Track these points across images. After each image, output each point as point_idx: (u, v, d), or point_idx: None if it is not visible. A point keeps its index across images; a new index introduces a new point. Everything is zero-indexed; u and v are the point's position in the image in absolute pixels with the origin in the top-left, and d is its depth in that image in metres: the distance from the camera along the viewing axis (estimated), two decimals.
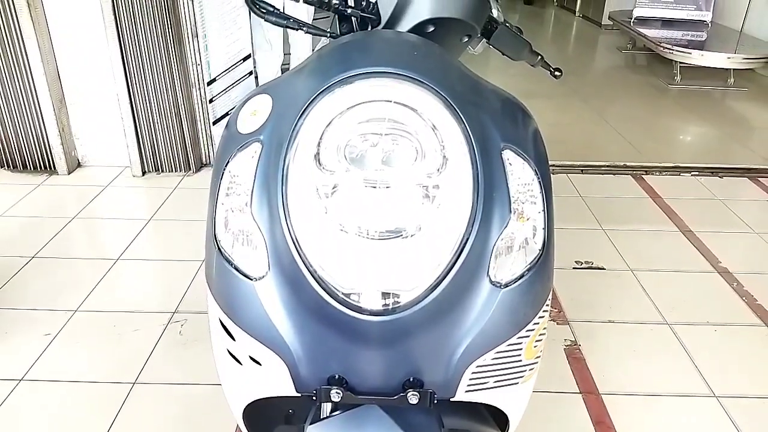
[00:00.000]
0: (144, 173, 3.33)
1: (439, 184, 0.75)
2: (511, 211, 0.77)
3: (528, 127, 0.86)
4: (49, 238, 2.66)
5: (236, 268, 0.77)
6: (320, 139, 0.75)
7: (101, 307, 2.21)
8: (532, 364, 0.83)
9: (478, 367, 0.77)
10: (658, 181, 3.37)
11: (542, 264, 0.79)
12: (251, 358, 0.79)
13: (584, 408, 1.79)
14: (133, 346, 2.01)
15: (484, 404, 0.87)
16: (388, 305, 0.72)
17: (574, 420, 1.74)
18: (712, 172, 3.50)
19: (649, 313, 2.23)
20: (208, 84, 3.19)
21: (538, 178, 0.80)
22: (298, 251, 0.73)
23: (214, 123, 3.32)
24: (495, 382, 0.80)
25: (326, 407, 0.83)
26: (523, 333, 0.79)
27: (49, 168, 3.35)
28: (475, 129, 0.77)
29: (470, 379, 0.78)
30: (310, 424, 0.77)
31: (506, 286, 0.77)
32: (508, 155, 0.79)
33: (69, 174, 3.34)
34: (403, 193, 0.74)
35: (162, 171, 3.35)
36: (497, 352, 0.78)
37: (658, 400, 1.82)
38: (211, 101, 3.24)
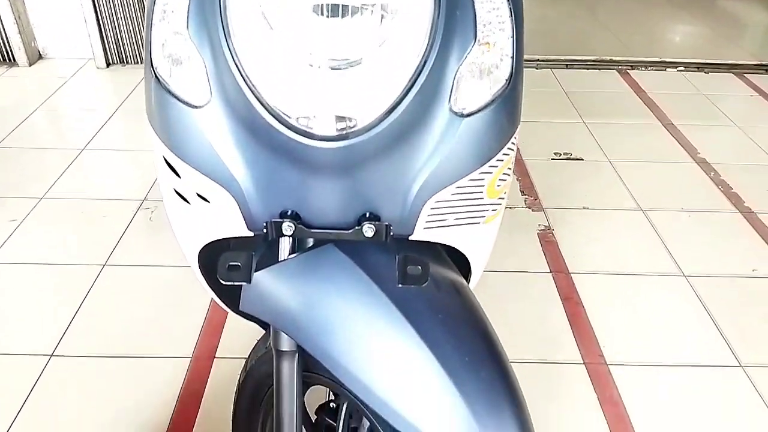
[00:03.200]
0: (108, 65, 3.17)
1: (397, 5, 0.68)
2: (475, 36, 0.71)
3: None
4: (11, 129, 2.55)
5: (176, 97, 0.71)
6: None
7: (68, 194, 2.15)
8: (495, 204, 0.80)
9: (437, 202, 0.74)
10: (642, 77, 3.29)
11: (509, 96, 0.74)
12: (199, 195, 0.75)
13: (554, 285, 1.81)
14: (102, 231, 1.97)
15: (446, 248, 0.85)
16: (342, 130, 0.67)
17: (544, 296, 1.77)
18: (698, 68, 3.42)
19: (625, 200, 2.23)
20: None
21: (508, 2, 0.73)
22: (241, 75, 0.67)
23: None
24: (455, 219, 0.77)
25: (284, 250, 0.80)
26: (485, 168, 0.75)
27: (8, 60, 3.17)
28: None
29: (429, 215, 0.75)
30: (257, 270, 0.74)
31: (468, 115, 0.72)
32: None
33: (30, 66, 3.17)
34: (359, 15, 0.67)
35: (127, 63, 3.19)
36: (458, 187, 0.74)
37: (627, 279, 1.85)
38: None
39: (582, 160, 2.48)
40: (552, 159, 2.48)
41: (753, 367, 1.57)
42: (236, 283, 0.70)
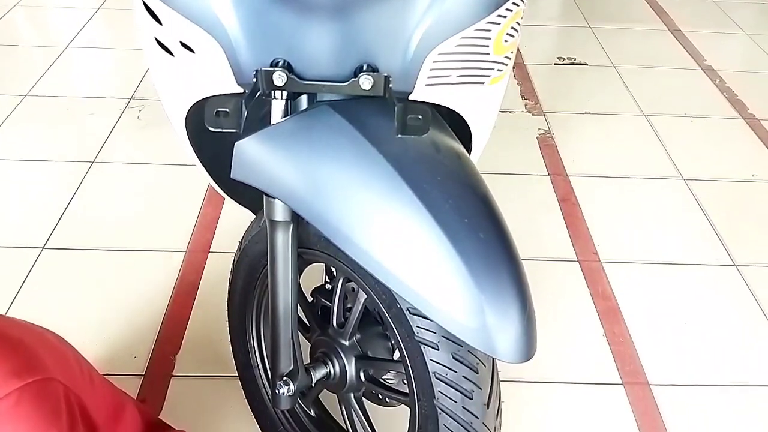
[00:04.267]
0: None
1: None
2: None
3: None
4: None
5: None
6: None
7: (52, 92, 2.08)
8: (501, 63, 0.75)
9: (440, 54, 0.69)
10: None
11: None
12: (182, 44, 0.70)
13: (551, 187, 1.79)
14: (90, 129, 1.91)
15: (448, 122, 0.81)
16: None
17: (541, 197, 1.76)
18: None
19: (628, 105, 2.17)
20: None
21: None
22: None
23: None
24: (458, 76, 0.72)
25: (276, 113, 0.76)
26: (493, 18, 0.70)
27: None
28: None
29: (431, 69, 0.70)
30: (247, 135, 0.70)
31: None
32: None
33: None
34: None
35: None
36: (462, 38, 0.69)
37: (626, 182, 1.83)
38: None
39: (586, 65, 2.40)
40: (555, 63, 2.40)
41: (747, 266, 1.58)
42: (225, 131, 0.66)
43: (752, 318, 1.45)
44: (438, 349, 0.76)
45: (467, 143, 0.88)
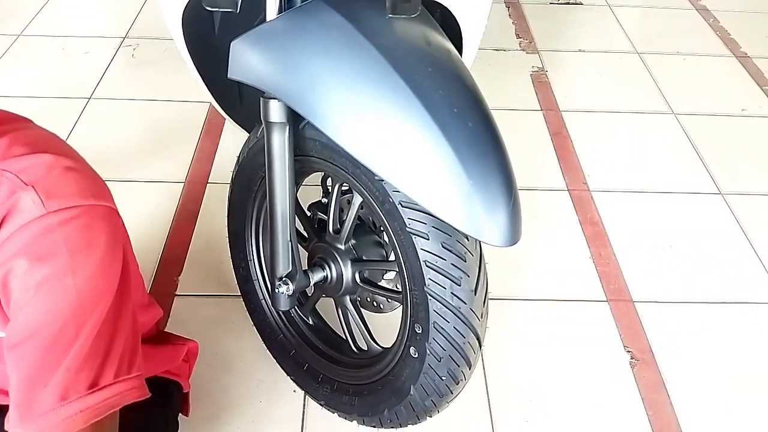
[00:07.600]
0: None
1: None
2: None
3: None
4: None
5: None
6: None
7: (46, 31, 2.07)
8: None
9: None
10: None
11: None
12: None
13: (543, 122, 1.82)
14: (85, 67, 1.92)
15: (438, 16, 0.84)
16: None
17: (534, 131, 1.78)
18: None
19: (622, 43, 2.18)
20: None
21: None
22: None
23: None
24: None
25: (271, 11, 0.78)
26: None
27: None
28: None
29: None
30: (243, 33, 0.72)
31: None
32: None
33: None
34: None
35: None
36: None
37: (616, 116, 1.86)
38: None
39: (581, 4, 2.40)
40: (551, 3, 2.40)
41: (732, 194, 1.62)
42: (222, 10, 0.69)
43: (735, 241, 1.50)
44: (428, 239, 0.80)
45: (458, 47, 0.90)
